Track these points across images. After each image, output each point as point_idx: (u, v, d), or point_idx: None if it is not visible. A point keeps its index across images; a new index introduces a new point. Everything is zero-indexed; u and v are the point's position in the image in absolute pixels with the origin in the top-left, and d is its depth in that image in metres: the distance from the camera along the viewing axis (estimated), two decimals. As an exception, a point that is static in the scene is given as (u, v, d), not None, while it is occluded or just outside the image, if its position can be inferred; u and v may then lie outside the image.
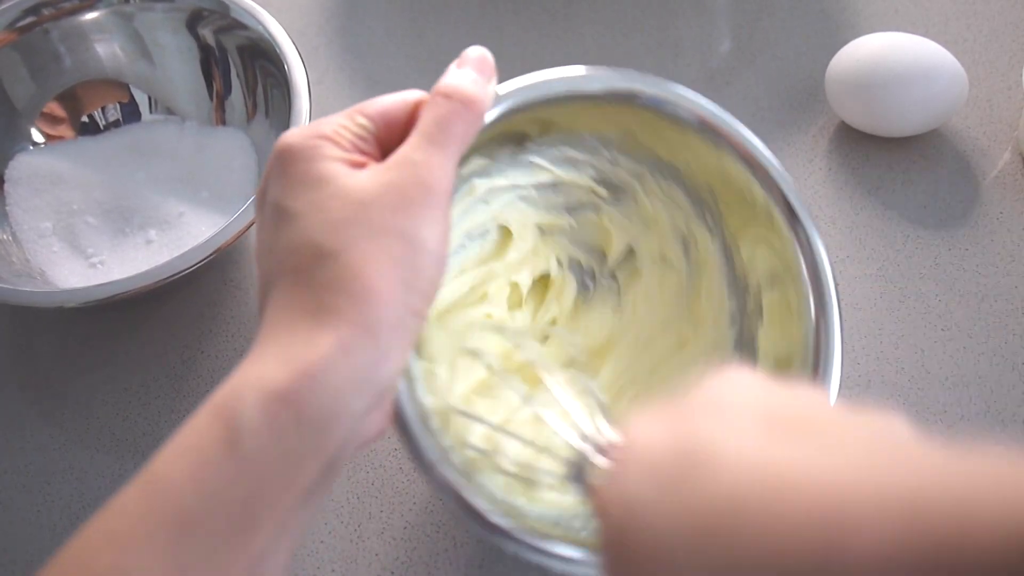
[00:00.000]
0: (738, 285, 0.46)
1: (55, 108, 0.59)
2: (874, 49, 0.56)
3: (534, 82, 0.41)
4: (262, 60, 0.56)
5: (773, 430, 0.27)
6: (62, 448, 0.51)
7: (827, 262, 0.43)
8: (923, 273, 0.54)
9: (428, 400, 0.41)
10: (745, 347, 0.45)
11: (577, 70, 0.42)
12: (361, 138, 0.34)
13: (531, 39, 0.66)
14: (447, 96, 0.34)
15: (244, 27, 0.56)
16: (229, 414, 0.30)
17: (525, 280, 0.48)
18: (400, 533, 0.48)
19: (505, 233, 0.48)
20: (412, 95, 0.35)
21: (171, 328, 0.55)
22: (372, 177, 0.32)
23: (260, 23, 0.56)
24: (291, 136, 0.34)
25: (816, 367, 0.42)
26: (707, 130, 0.43)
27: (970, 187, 0.57)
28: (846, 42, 0.58)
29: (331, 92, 0.63)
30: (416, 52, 0.65)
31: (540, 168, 0.46)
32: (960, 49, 0.62)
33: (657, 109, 0.43)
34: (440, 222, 0.33)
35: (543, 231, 0.48)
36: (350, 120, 0.34)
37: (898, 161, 0.58)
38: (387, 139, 0.35)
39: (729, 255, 0.46)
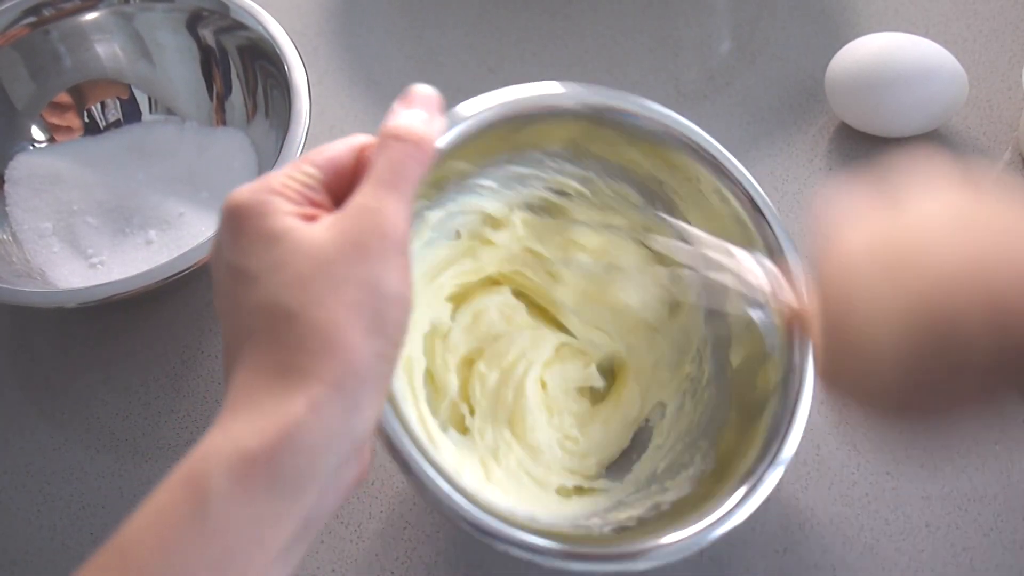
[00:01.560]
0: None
1: (64, 98, 0.59)
2: (874, 49, 0.57)
3: (478, 110, 0.42)
4: (262, 60, 0.56)
5: (969, 216, 0.32)
6: (62, 448, 0.51)
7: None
8: (923, 273, 0.54)
9: (413, 414, 0.43)
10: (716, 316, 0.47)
11: (516, 90, 0.44)
12: (310, 188, 0.34)
13: (531, 39, 0.66)
14: (398, 138, 0.34)
15: (244, 27, 0.56)
16: (197, 480, 0.29)
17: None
18: (400, 533, 0.48)
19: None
20: (358, 140, 0.35)
21: (171, 328, 0.55)
22: (327, 229, 0.32)
23: (260, 23, 0.56)
24: (240, 194, 0.33)
25: (791, 354, 0.43)
26: (670, 137, 0.46)
27: (970, 187, 0.57)
28: (846, 42, 0.58)
29: (331, 92, 0.63)
30: (416, 52, 0.65)
31: (489, 190, 0.47)
32: (960, 49, 0.62)
33: (600, 119, 0.45)
34: (400, 266, 0.32)
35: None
36: (297, 171, 0.34)
37: (898, 161, 0.58)
38: (336, 187, 0.34)
39: (687, 239, 0.48)
